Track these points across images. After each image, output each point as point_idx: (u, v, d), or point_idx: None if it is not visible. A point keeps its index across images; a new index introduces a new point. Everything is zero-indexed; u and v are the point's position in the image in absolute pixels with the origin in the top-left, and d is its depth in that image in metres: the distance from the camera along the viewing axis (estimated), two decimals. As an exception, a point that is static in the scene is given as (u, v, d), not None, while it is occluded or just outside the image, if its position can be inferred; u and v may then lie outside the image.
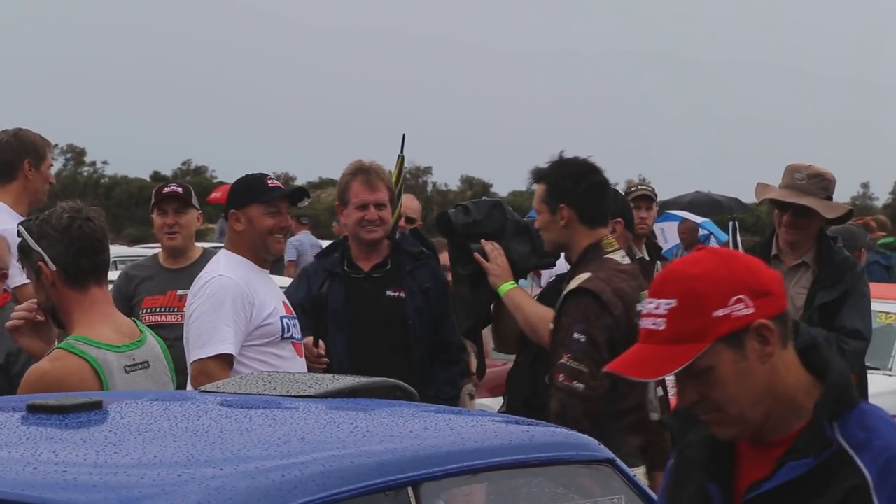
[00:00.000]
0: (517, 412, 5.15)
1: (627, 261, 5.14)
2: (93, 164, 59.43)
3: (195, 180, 40.61)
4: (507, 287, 5.36)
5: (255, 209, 5.09)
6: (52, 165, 6.21)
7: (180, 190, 6.45)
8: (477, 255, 5.43)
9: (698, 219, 14.76)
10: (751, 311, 2.44)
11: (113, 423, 2.87)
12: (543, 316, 5.28)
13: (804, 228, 5.74)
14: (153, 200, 6.46)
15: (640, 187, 7.76)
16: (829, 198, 5.84)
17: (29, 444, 2.65)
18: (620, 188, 7.91)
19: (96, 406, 2.91)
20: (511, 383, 5.58)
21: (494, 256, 5.40)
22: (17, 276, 5.79)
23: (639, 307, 4.93)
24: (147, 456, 2.59)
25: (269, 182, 5.19)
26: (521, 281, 6.94)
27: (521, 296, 5.39)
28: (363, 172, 5.75)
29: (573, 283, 4.97)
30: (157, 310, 6.33)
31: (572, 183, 5.07)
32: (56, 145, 59.56)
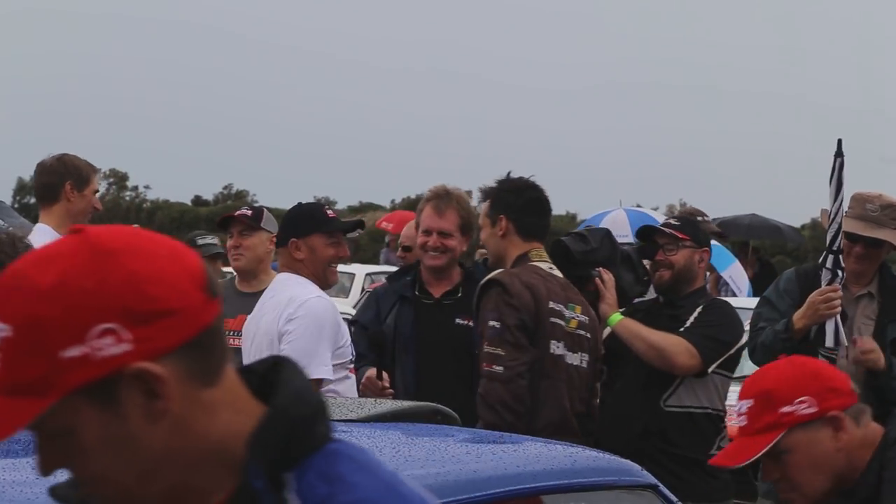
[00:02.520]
0: (635, 438, 5.22)
1: (557, 273, 5.24)
2: (135, 188, 59.85)
3: (236, 205, 40.86)
4: (618, 317, 5.44)
5: (318, 239, 5.13)
6: (97, 191, 6.27)
7: (248, 213, 6.45)
8: (598, 281, 5.47)
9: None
10: (122, 347, 1.54)
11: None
12: (671, 342, 5.34)
13: (874, 259, 5.71)
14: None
15: (704, 216, 7.75)
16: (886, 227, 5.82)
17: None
18: (661, 212, 7.89)
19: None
20: (616, 410, 5.49)
21: (609, 286, 5.46)
22: None
23: (567, 313, 5.13)
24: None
25: (328, 213, 5.29)
26: None
27: (636, 324, 5.47)
28: (436, 198, 5.73)
29: (487, 277, 5.13)
30: (228, 333, 6.35)
31: (513, 197, 5.26)
32: (99, 170, 60.07)
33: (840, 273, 5.54)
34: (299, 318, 4.94)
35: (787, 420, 2.95)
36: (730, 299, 11.79)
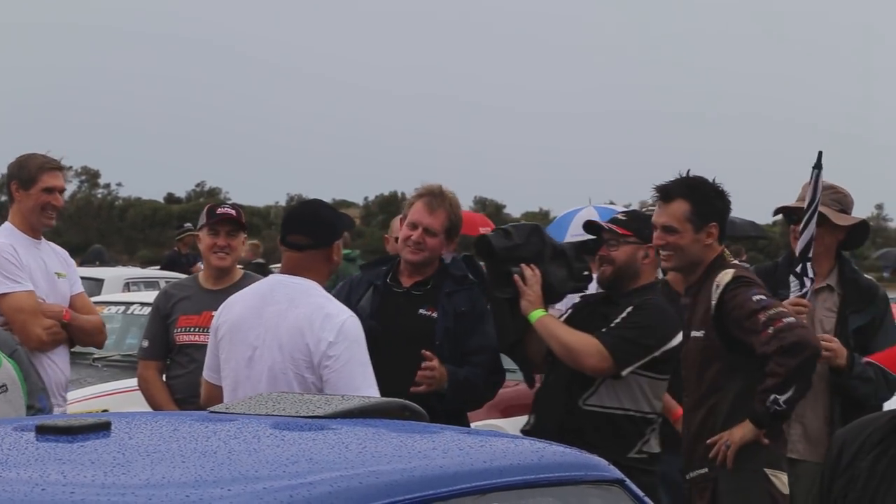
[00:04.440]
0: (550, 434, 5.19)
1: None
2: (107, 186, 59.66)
3: (208, 202, 40.80)
4: (538, 314, 5.41)
5: (341, 240, 5.09)
6: (48, 188, 6.24)
7: (233, 213, 6.49)
8: (517, 278, 5.44)
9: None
10: None
11: (121, 443, 2.87)
12: (583, 342, 5.32)
13: (818, 239, 5.71)
14: (205, 220, 6.47)
15: (651, 208, 7.73)
16: (844, 212, 5.83)
17: (37, 466, 2.65)
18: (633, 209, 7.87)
19: (105, 427, 2.91)
20: (542, 405, 5.57)
21: (532, 283, 5.43)
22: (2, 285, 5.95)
23: None
24: (155, 477, 2.58)
25: None
26: None
27: (554, 323, 5.43)
28: (430, 195, 5.71)
29: (725, 277, 5.14)
30: (192, 329, 6.36)
31: (721, 202, 5.27)
32: (70, 167, 59.79)
33: (811, 281, 5.57)
34: (341, 343, 4.82)
35: None
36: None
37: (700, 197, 5.23)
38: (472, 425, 5.83)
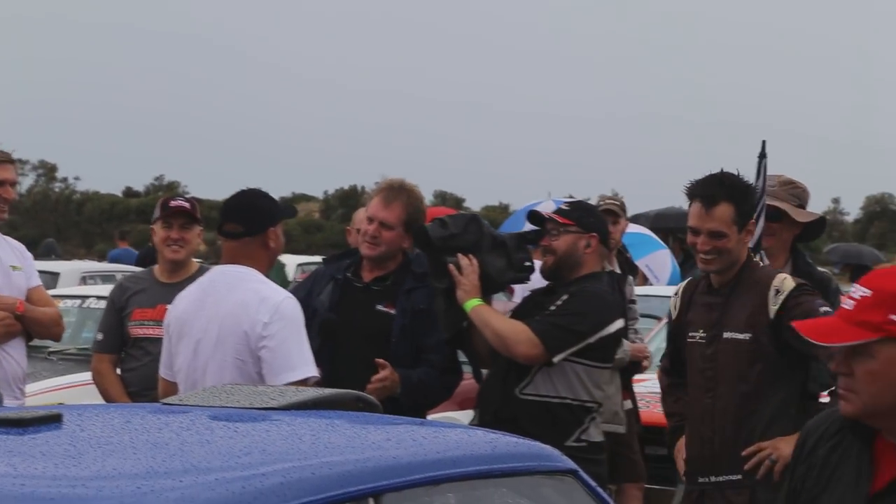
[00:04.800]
0: (488, 424, 5.17)
1: None
2: (64, 179, 59.27)
3: (166, 196, 40.62)
4: (473, 303, 5.37)
5: (280, 227, 5.07)
6: (2, 182, 6.18)
7: (187, 206, 6.46)
8: (451, 267, 5.41)
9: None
10: None
11: (72, 435, 2.85)
12: (514, 330, 5.29)
13: (776, 235, 5.73)
14: (158, 213, 6.44)
15: (607, 201, 7.75)
16: (802, 206, 5.86)
17: (-13, 458, 2.63)
18: (592, 203, 7.89)
19: (55, 419, 2.89)
20: (482, 396, 5.59)
21: (468, 272, 5.40)
22: None
23: None
24: (106, 468, 2.57)
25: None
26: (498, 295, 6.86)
27: (488, 312, 5.39)
28: (388, 189, 5.67)
29: (787, 283, 5.06)
30: (146, 323, 6.34)
31: (753, 197, 5.22)
32: (27, 161, 59.49)
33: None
34: (276, 323, 4.82)
35: (889, 328, 2.87)
36: (646, 288, 11.82)
37: (741, 197, 5.15)
38: (428, 416, 5.81)
